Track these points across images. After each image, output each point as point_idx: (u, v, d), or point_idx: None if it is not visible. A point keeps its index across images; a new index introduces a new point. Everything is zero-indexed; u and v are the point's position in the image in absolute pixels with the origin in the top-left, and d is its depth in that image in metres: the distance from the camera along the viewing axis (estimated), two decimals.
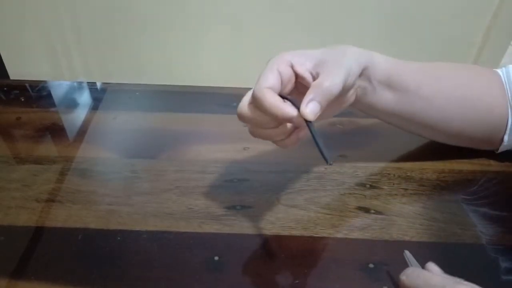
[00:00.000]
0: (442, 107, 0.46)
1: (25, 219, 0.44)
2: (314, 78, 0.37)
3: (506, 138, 0.47)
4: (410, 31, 0.68)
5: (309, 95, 0.34)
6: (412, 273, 0.35)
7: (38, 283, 0.38)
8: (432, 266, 0.37)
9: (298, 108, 0.34)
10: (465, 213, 0.45)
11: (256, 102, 0.35)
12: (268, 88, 0.35)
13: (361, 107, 0.45)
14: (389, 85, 0.43)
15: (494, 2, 0.65)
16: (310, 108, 0.34)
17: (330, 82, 0.35)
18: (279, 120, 0.36)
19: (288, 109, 0.34)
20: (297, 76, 0.37)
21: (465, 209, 0.46)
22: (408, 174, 0.50)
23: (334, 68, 0.37)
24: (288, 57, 0.37)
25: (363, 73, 0.41)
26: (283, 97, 0.35)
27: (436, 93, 0.45)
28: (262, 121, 0.36)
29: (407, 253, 0.39)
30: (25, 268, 0.39)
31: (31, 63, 0.72)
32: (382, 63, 0.42)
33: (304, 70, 0.37)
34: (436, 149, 0.52)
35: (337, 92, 0.36)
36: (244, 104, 0.37)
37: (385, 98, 0.44)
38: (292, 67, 0.37)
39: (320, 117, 0.35)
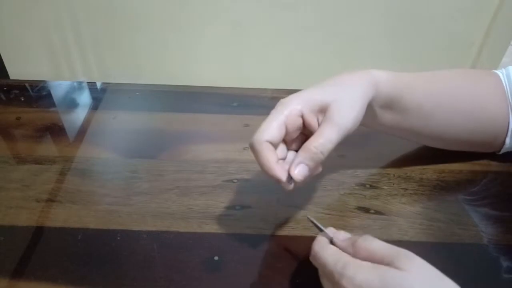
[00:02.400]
0: (441, 122, 0.46)
1: (25, 219, 0.44)
2: (319, 125, 0.37)
3: (507, 140, 0.47)
4: (410, 31, 0.68)
5: (298, 158, 0.35)
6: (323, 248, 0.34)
7: (38, 283, 0.38)
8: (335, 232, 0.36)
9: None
10: (465, 213, 0.45)
11: (253, 153, 0.36)
12: (267, 141, 0.35)
13: (362, 122, 0.45)
14: (389, 107, 0.43)
15: (494, 2, 0.65)
16: (298, 170, 0.35)
17: (318, 144, 0.35)
18: (271, 178, 0.35)
19: (278, 172, 0.34)
20: (304, 123, 0.37)
21: (465, 209, 0.46)
22: (408, 174, 0.50)
23: (330, 125, 0.36)
24: (298, 106, 0.36)
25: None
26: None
27: (435, 111, 0.45)
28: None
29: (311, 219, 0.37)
30: (25, 268, 0.39)
31: (31, 63, 0.72)
32: (385, 90, 0.41)
33: (312, 119, 0.37)
34: (436, 149, 0.52)
35: (327, 152, 0.35)
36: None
37: (384, 118, 0.44)
38: (302, 116, 0.36)
39: None
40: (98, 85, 0.67)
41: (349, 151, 0.53)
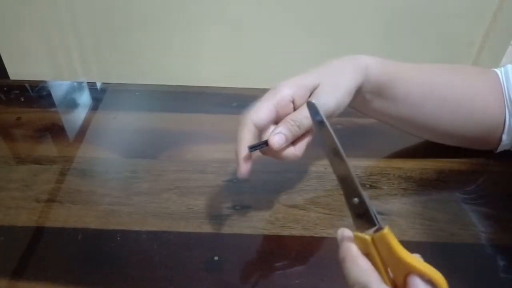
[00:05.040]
0: (430, 113, 0.46)
1: (25, 219, 0.44)
2: None
3: (504, 137, 0.47)
4: (409, 30, 0.68)
5: (277, 128, 0.37)
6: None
7: (38, 283, 0.38)
8: None
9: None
10: (465, 213, 0.45)
11: (239, 126, 0.38)
12: (254, 123, 0.37)
13: (353, 106, 0.45)
14: (379, 94, 0.44)
15: (494, 2, 0.65)
16: (276, 138, 0.37)
17: (296, 118, 0.37)
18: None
19: (241, 152, 0.38)
20: (295, 108, 0.39)
21: (465, 209, 0.46)
22: (408, 174, 0.50)
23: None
24: (290, 91, 0.38)
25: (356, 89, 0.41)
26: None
27: (424, 101, 0.45)
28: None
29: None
30: (25, 268, 0.39)
31: (31, 63, 0.72)
32: (375, 76, 0.42)
33: (302, 103, 0.39)
34: (436, 149, 0.52)
35: (303, 127, 0.37)
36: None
37: (375, 105, 0.45)
38: (293, 101, 0.38)
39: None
40: (98, 85, 0.67)
41: (349, 151, 0.53)
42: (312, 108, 0.31)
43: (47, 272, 0.39)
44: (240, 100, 0.63)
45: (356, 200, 0.29)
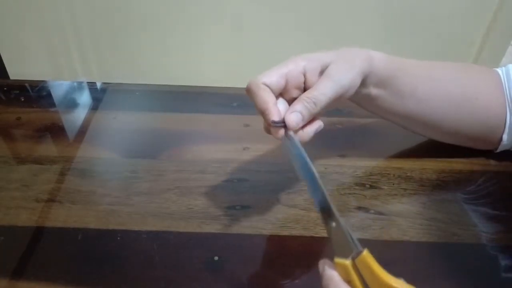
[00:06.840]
0: (436, 108, 0.46)
1: (25, 219, 0.44)
2: None
3: (505, 137, 0.47)
4: (409, 30, 0.68)
5: (293, 106, 0.36)
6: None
7: (38, 283, 0.38)
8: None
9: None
10: (465, 213, 0.45)
11: (250, 96, 0.36)
12: (264, 83, 0.36)
13: (356, 100, 0.45)
14: (384, 88, 0.43)
15: (494, 2, 0.65)
16: (292, 116, 0.35)
17: (312, 95, 0.36)
18: (266, 120, 0.36)
19: (273, 110, 0.35)
20: (306, 82, 0.38)
21: (465, 209, 0.46)
22: (408, 174, 0.50)
23: (326, 80, 0.37)
24: (302, 62, 0.38)
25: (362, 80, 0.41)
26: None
27: (431, 96, 0.45)
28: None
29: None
30: (25, 268, 0.39)
31: (31, 63, 0.72)
32: (380, 68, 0.42)
33: (314, 78, 0.38)
34: (436, 149, 0.52)
35: (320, 104, 0.36)
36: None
37: (379, 100, 0.44)
38: (305, 74, 0.38)
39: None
40: (98, 85, 0.67)
41: (349, 151, 0.53)
42: (291, 140, 0.33)
43: (47, 272, 0.39)
44: (240, 100, 0.63)
45: (333, 224, 0.29)
